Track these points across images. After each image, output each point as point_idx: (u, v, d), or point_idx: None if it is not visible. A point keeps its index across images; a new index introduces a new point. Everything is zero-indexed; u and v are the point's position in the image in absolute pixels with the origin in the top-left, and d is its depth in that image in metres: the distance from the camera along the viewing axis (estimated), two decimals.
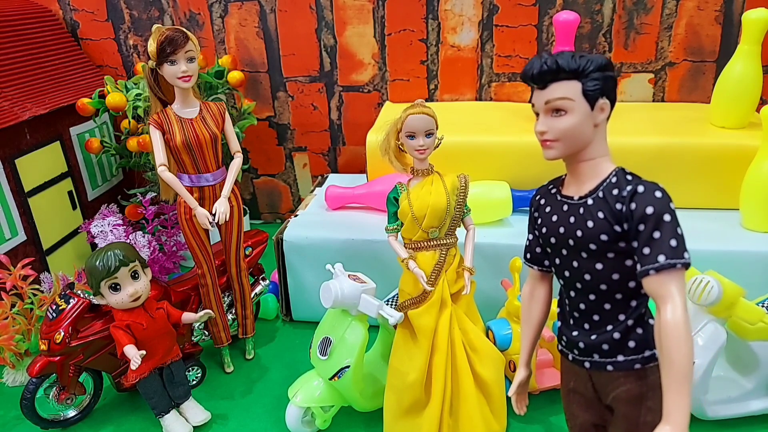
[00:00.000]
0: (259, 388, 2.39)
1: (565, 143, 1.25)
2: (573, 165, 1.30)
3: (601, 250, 1.24)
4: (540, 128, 1.27)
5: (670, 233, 1.14)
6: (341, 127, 3.58)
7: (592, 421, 1.41)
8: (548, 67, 1.22)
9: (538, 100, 1.27)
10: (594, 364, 1.32)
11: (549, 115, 1.25)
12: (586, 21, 3.11)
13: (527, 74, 1.26)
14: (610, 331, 1.28)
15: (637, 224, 1.17)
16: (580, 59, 1.20)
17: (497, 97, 3.37)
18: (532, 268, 1.48)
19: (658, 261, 1.14)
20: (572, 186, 1.32)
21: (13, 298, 2.42)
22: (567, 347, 1.39)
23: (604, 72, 1.22)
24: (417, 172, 1.91)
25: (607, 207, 1.22)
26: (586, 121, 1.23)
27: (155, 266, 2.88)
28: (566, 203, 1.32)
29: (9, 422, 2.25)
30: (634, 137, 2.59)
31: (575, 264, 1.31)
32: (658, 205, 1.15)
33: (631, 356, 1.27)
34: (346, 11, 3.27)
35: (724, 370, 2.14)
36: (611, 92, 1.25)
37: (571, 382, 1.43)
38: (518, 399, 1.58)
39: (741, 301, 1.89)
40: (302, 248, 2.61)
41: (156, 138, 2.13)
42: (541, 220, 1.38)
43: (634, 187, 1.18)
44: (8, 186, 2.70)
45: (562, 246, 1.33)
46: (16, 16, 3.10)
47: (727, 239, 2.35)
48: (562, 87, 1.22)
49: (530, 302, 1.51)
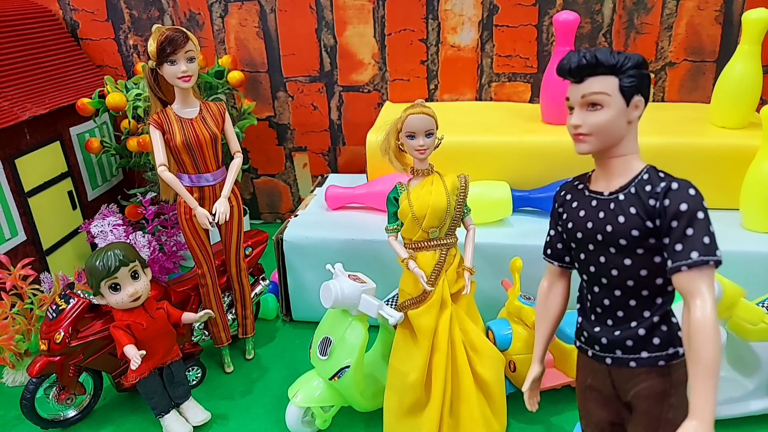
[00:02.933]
0: (259, 388, 2.39)
1: (598, 138, 1.25)
2: (604, 160, 1.30)
3: (631, 245, 1.25)
4: (575, 121, 1.27)
5: (703, 230, 1.14)
6: (341, 127, 3.58)
7: (609, 419, 1.41)
8: (587, 61, 1.22)
9: (574, 94, 1.27)
10: (616, 360, 1.32)
11: (584, 109, 1.25)
12: (586, 21, 3.11)
13: (564, 68, 1.26)
14: (634, 327, 1.28)
15: (670, 221, 1.17)
16: (619, 55, 1.21)
17: (497, 97, 3.37)
18: (551, 264, 1.49)
19: (691, 257, 1.14)
20: (601, 181, 1.32)
21: (13, 298, 2.41)
22: (587, 343, 1.39)
23: (640, 69, 1.23)
24: (417, 172, 1.91)
25: (640, 203, 1.22)
26: (621, 117, 1.24)
27: (155, 266, 2.87)
28: (595, 198, 1.32)
29: (9, 422, 2.25)
30: None
31: (602, 259, 1.30)
32: (692, 202, 1.15)
33: (655, 353, 1.27)
34: (346, 11, 3.27)
35: (725, 370, 2.14)
36: (646, 90, 1.25)
37: (588, 378, 1.42)
38: (531, 395, 1.59)
39: (741, 302, 1.88)
40: (302, 248, 2.61)
41: (156, 138, 2.13)
42: (567, 215, 1.38)
43: (668, 184, 1.19)
44: (8, 186, 2.70)
45: (589, 241, 1.32)
46: (16, 16, 3.10)
47: (727, 239, 2.33)
48: (600, 81, 1.23)
49: (547, 298, 1.51)
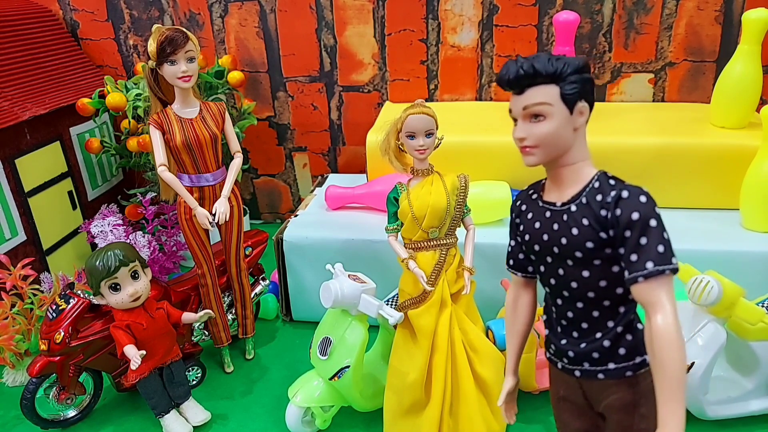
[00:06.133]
0: (259, 388, 2.39)
1: (544, 149, 1.21)
2: (553, 170, 1.26)
3: (588, 257, 1.20)
4: (519, 134, 1.22)
5: (657, 239, 1.10)
6: (341, 127, 3.58)
7: (584, 429, 1.38)
8: (525, 72, 1.17)
9: (516, 105, 1.22)
10: (585, 373, 1.29)
11: (527, 121, 1.21)
12: (586, 21, 3.11)
13: (503, 79, 1.21)
14: (599, 338, 1.25)
15: (623, 230, 1.13)
16: (557, 62, 1.16)
17: (497, 97, 3.37)
18: (515, 275, 1.45)
19: (646, 268, 1.10)
20: (553, 192, 1.28)
21: (13, 298, 2.42)
22: (556, 356, 1.35)
23: (581, 74, 1.18)
24: (417, 172, 1.91)
25: (592, 213, 1.17)
26: (566, 125, 1.19)
27: (155, 266, 2.87)
28: (549, 210, 1.27)
29: (9, 422, 2.25)
30: (634, 137, 2.59)
31: (561, 272, 1.26)
32: (644, 210, 1.11)
33: (622, 363, 1.24)
34: (346, 11, 3.27)
35: (724, 370, 2.14)
36: (590, 95, 1.20)
37: (560, 390, 1.39)
38: (507, 408, 1.53)
39: (741, 301, 1.88)
40: (302, 248, 2.61)
41: (156, 138, 2.13)
42: (524, 227, 1.34)
43: (619, 192, 1.14)
44: (8, 186, 2.70)
45: (546, 254, 1.28)
46: (16, 16, 3.10)
47: (727, 239, 2.35)
48: (540, 92, 1.17)
49: (515, 310, 1.47)
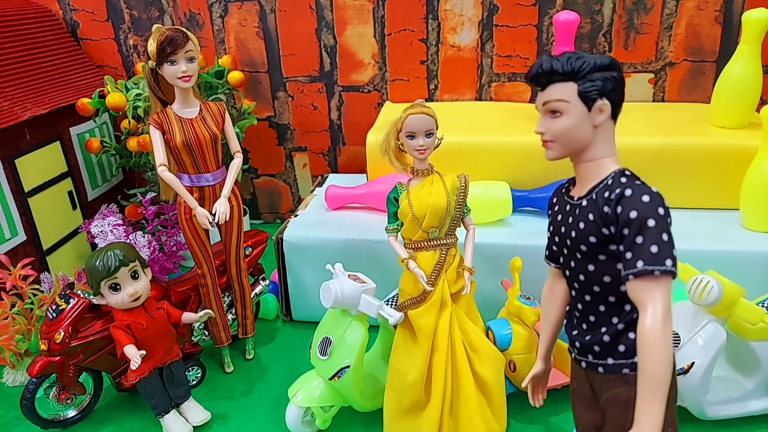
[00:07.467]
0: (259, 388, 2.39)
1: (561, 144, 1.26)
2: (576, 165, 1.31)
3: (592, 251, 1.24)
4: (538, 129, 1.29)
5: (652, 239, 1.11)
6: (341, 127, 3.58)
7: (593, 423, 1.40)
8: (543, 70, 1.23)
9: (538, 101, 1.29)
10: (589, 365, 1.33)
11: (547, 116, 1.27)
12: (586, 21, 3.11)
13: (527, 75, 1.29)
14: (602, 333, 1.28)
15: (622, 228, 1.16)
16: (576, 61, 1.20)
17: (497, 97, 3.37)
18: (550, 266, 1.49)
19: (636, 266, 1.12)
20: (578, 186, 1.33)
21: (13, 298, 2.41)
22: (571, 345, 1.40)
23: (603, 72, 1.21)
24: (417, 172, 1.91)
25: (597, 209, 1.21)
26: (583, 122, 1.23)
27: (155, 266, 2.87)
28: (569, 203, 1.33)
29: (9, 422, 2.25)
30: (634, 137, 2.59)
31: (572, 264, 1.31)
32: (643, 209, 1.13)
33: (620, 360, 1.27)
34: (346, 11, 3.27)
35: (725, 370, 2.14)
36: (612, 92, 1.23)
37: (574, 383, 1.44)
38: (534, 390, 1.60)
39: (741, 301, 1.88)
40: (302, 248, 2.61)
41: (156, 138, 2.13)
42: (551, 219, 1.40)
43: (622, 191, 1.17)
44: (8, 186, 2.70)
45: (563, 245, 1.34)
46: (16, 16, 3.10)
47: (727, 239, 2.35)
48: (558, 89, 1.23)
49: (549, 299, 1.52)
